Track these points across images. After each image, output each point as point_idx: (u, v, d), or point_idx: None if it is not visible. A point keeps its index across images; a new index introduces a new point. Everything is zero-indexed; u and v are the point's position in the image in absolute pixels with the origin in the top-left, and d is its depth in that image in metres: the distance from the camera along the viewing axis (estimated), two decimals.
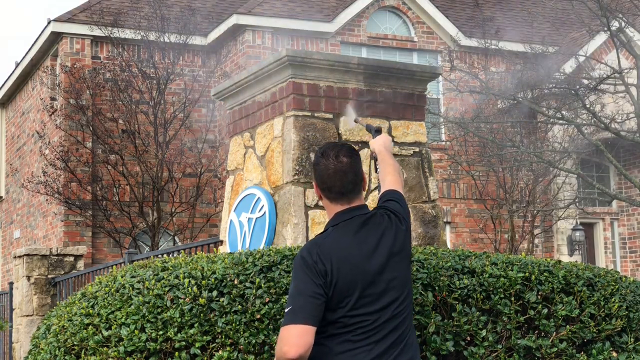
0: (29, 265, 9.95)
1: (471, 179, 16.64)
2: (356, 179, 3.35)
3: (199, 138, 15.73)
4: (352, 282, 3.20)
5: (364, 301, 3.21)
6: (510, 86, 14.13)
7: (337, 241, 3.27)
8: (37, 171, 16.88)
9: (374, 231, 3.33)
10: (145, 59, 14.79)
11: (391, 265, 3.30)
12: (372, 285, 3.24)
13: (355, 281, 3.21)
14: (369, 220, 3.35)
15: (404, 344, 3.26)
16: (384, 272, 3.27)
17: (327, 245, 3.23)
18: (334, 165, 3.31)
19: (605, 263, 18.50)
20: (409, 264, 3.40)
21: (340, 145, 3.41)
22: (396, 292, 3.29)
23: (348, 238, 3.28)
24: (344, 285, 3.19)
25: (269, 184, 5.41)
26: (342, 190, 3.33)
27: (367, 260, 3.26)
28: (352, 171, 3.34)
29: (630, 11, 13.75)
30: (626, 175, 12.53)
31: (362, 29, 16.91)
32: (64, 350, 4.24)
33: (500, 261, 4.48)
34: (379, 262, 3.28)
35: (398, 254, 3.34)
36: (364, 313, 3.20)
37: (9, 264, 19.37)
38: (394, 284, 3.28)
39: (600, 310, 4.46)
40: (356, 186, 3.36)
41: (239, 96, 5.81)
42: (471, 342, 4.19)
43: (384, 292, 3.25)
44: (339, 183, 3.32)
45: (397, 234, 3.37)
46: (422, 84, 5.67)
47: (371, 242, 3.30)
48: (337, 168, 3.31)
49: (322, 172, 3.33)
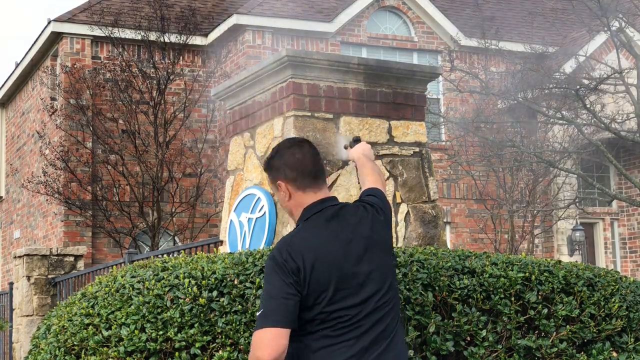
0: (29, 265, 9.95)
1: (471, 179, 16.64)
2: (321, 164, 3.34)
3: (199, 138, 15.73)
4: (326, 277, 3.09)
5: (341, 294, 3.11)
6: (510, 86, 14.14)
7: (308, 236, 3.18)
8: (37, 171, 16.88)
9: (348, 221, 3.24)
10: (146, 59, 14.79)
11: (369, 257, 3.20)
12: (349, 277, 3.13)
13: (330, 275, 3.10)
14: (341, 210, 3.26)
15: (389, 340, 3.16)
16: (361, 264, 3.17)
17: (297, 242, 3.14)
18: (302, 152, 3.29)
19: (605, 263, 18.51)
20: (390, 255, 3.30)
21: (294, 137, 3.45)
22: (376, 284, 3.18)
23: (319, 231, 3.18)
24: (318, 281, 3.08)
25: (269, 184, 5.41)
26: (316, 173, 3.29)
27: (342, 252, 3.16)
28: (318, 156, 3.33)
29: (630, 11, 13.75)
30: (626, 175, 12.54)
31: (362, 29, 16.91)
32: (64, 351, 4.24)
33: (501, 261, 4.48)
34: (355, 253, 3.18)
35: (376, 245, 3.24)
36: (342, 307, 3.10)
37: (9, 264, 19.38)
38: (373, 276, 3.18)
39: (601, 310, 4.46)
40: (323, 173, 3.33)
41: (239, 96, 5.81)
42: (471, 342, 4.19)
43: (362, 284, 3.15)
44: (312, 167, 3.29)
45: (374, 223, 3.28)
46: (422, 84, 5.67)
47: (345, 233, 3.20)
48: (305, 153, 3.30)
49: (288, 161, 3.28)
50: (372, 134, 5.44)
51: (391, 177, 5.47)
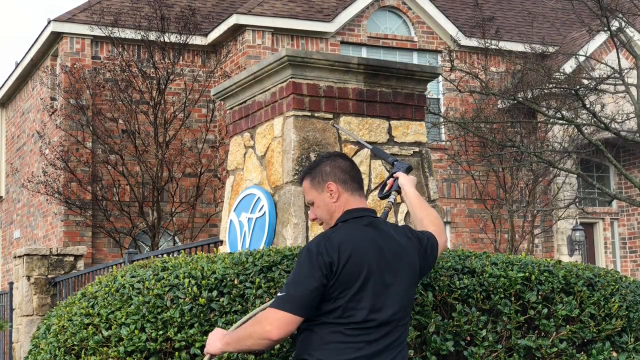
0: (29, 265, 9.95)
1: (471, 179, 16.64)
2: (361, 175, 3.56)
3: (199, 138, 15.74)
4: (356, 273, 3.21)
5: (364, 294, 3.21)
6: (510, 86, 14.14)
7: (348, 232, 3.30)
8: (37, 171, 16.88)
9: (386, 233, 3.37)
10: (145, 59, 14.79)
11: (397, 271, 3.31)
12: (376, 281, 3.24)
13: (360, 272, 3.21)
14: (380, 222, 3.42)
15: (395, 354, 3.26)
16: (388, 274, 3.28)
17: (336, 236, 3.27)
18: (346, 163, 3.50)
19: (605, 263, 18.51)
20: (415, 279, 3.42)
21: (336, 151, 3.60)
22: (397, 299, 3.29)
23: (358, 231, 3.33)
24: (348, 274, 3.19)
25: (269, 184, 5.41)
26: (359, 183, 3.48)
27: (375, 255, 3.27)
28: (358, 169, 3.55)
29: (630, 11, 13.76)
30: (626, 175, 12.54)
31: (362, 29, 16.91)
32: (64, 350, 4.24)
33: (500, 261, 4.47)
34: (386, 262, 3.29)
35: (407, 265, 3.36)
36: (361, 308, 3.20)
37: (9, 264, 19.38)
38: (396, 290, 3.29)
39: (600, 310, 4.46)
40: (363, 182, 3.53)
41: (239, 96, 5.81)
42: (471, 342, 4.19)
43: (385, 294, 3.25)
44: (356, 176, 3.49)
45: (410, 246, 3.41)
46: (422, 84, 5.66)
47: (381, 241, 3.32)
48: (350, 162, 3.52)
49: (341, 165, 3.47)
50: (372, 134, 5.44)
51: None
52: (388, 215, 3.93)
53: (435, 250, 3.54)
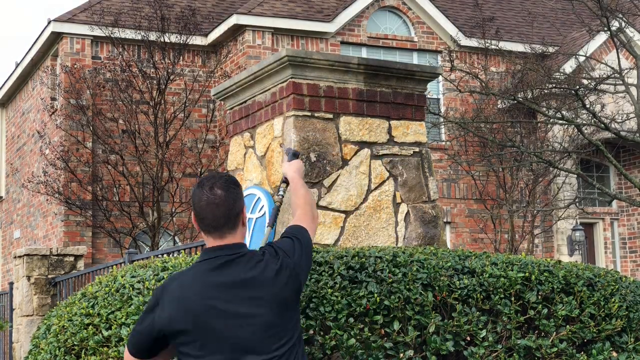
0: (29, 265, 9.95)
1: (471, 179, 16.64)
2: (230, 213, 3.21)
3: (199, 138, 15.74)
4: (186, 328, 3.12)
5: (199, 345, 3.13)
6: (510, 86, 14.14)
7: (183, 283, 3.20)
8: (37, 171, 16.88)
9: (233, 276, 3.16)
10: (146, 59, 14.79)
11: (245, 314, 3.12)
12: (208, 330, 3.12)
13: (189, 326, 3.12)
14: (234, 261, 3.18)
15: None
16: (230, 319, 3.12)
17: (171, 288, 3.21)
18: (206, 197, 3.20)
19: (605, 263, 18.51)
20: (283, 309, 3.17)
21: (220, 176, 3.29)
22: (267, 348, 3.12)
23: (198, 280, 3.17)
24: (180, 330, 3.13)
25: (269, 184, 5.41)
26: (214, 223, 3.21)
27: (207, 306, 3.12)
28: (225, 205, 3.21)
29: (630, 11, 13.75)
30: (626, 175, 12.54)
31: (362, 29, 16.91)
32: (64, 350, 4.24)
33: (500, 261, 4.48)
34: (227, 310, 3.12)
35: (264, 302, 3.15)
36: (202, 355, 3.12)
37: (9, 264, 19.38)
38: (262, 338, 3.13)
39: (600, 310, 4.46)
40: (229, 220, 3.22)
41: (239, 96, 5.81)
42: (471, 342, 4.19)
43: (235, 349, 3.11)
44: (210, 216, 3.20)
45: (268, 278, 3.18)
46: (422, 84, 5.67)
47: (224, 284, 3.14)
48: (209, 200, 3.20)
49: (195, 203, 3.24)
50: (372, 134, 5.44)
51: (391, 177, 5.47)
52: (277, 213, 3.85)
53: (296, 247, 3.33)
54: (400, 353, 4.04)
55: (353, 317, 4.01)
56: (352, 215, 5.28)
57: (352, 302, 4.01)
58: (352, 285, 4.08)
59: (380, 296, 4.05)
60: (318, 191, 5.21)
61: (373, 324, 4.03)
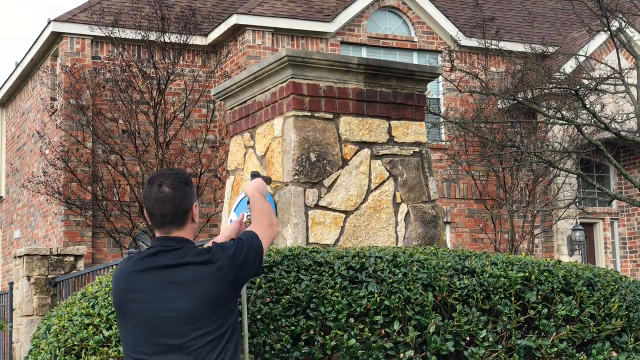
0: (29, 265, 9.95)
1: (471, 179, 16.64)
2: (177, 210, 3.33)
3: (199, 138, 15.74)
4: (134, 319, 3.30)
5: (142, 341, 3.28)
6: (510, 86, 14.14)
7: (122, 267, 3.40)
8: (37, 171, 16.88)
9: (160, 264, 3.31)
10: (146, 59, 14.79)
11: (174, 300, 3.26)
12: (151, 327, 3.27)
13: (138, 318, 3.30)
14: (169, 252, 3.32)
15: None
16: (166, 313, 3.25)
17: (117, 272, 3.42)
18: (155, 195, 3.33)
19: (605, 263, 18.51)
20: (201, 300, 3.26)
21: (170, 174, 3.39)
22: (186, 334, 3.23)
23: (135, 274, 3.34)
24: (117, 312, 3.38)
25: None
26: (161, 220, 3.34)
27: (131, 288, 3.32)
28: (173, 202, 3.32)
29: (630, 11, 13.75)
30: (626, 175, 12.54)
31: (362, 29, 16.91)
32: (64, 350, 4.24)
33: (500, 261, 4.48)
34: (147, 290, 3.29)
35: (181, 285, 3.27)
36: (125, 339, 3.34)
37: (9, 264, 19.38)
38: (181, 325, 3.24)
39: (600, 310, 4.46)
40: (177, 218, 3.34)
41: (239, 96, 5.81)
42: (471, 342, 4.19)
43: (166, 336, 3.24)
44: (157, 213, 3.33)
45: (197, 274, 3.29)
46: (422, 84, 5.67)
47: (150, 268, 3.31)
48: (157, 198, 3.33)
49: (145, 200, 3.37)
50: (372, 134, 5.44)
51: (391, 177, 5.47)
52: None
53: (246, 250, 3.40)
54: (401, 353, 4.04)
55: (353, 317, 4.01)
56: (352, 215, 5.28)
57: (352, 302, 4.01)
58: (352, 285, 4.08)
59: (381, 296, 4.05)
60: (318, 191, 5.21)
61: (373, 324, 4.04)
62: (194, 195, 3.43)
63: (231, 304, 3.32)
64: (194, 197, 3.42)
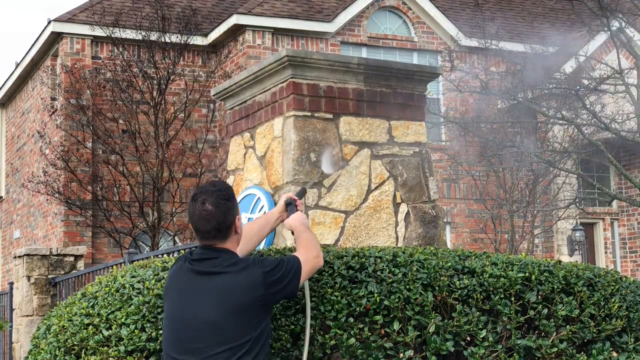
0: (29, 266, 9.94)
1: (471, 179, 16.64)
2: (220, 226, 3.49)
3: (199, 138, 15.73)
4: (167, 316, 3.54)
5: (170, 338, 3.46)
6: (510, 86, 14.14)
7: (172, 269, 3.62)
8: (37, 171, 16.88)
9: (200, 270, 3.48)
10: (146, 59, 14.79)
11: (199, 306, 3.40)
12: (175, 319, 3.47)
13: (169, 316, 3.51)
14: (210, 259, 3.48)
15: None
16: (191, 316, 3.41)
17: (169, 274, 3.66)
18: (198, 212, 3.49)
19: (605, 263, 18.50)
20: (232, 316, 3.38)
21: (212, 191, 3.50)
22: (205, 340, 3.36)
23: (180, 272, 3.54)
24: (164, 309, 3.61)
25: (269, 184, 5.41)
26: (205, 235, 3.50)
27: (179, 295, 3.50)
28: (216, 219, 3.47)
29: (630, 11, 13.75)
30: (626, 175, 12.54)
31: (362, 29, 16.91)
32: (64, 350, 4.24)
33: (500, 261, 4.47)
34: (191, 301, 3.44)
35: (216, 302, 3.40)
36: (167, 341, 3.50)
37: (9, 264, 19.37)
38: (202, 330, 3.37)
39: (601, 310, 4.46)
40: (220, 233, 3.50)
41: (239, 96, 5.81)
42: (471, 342, 4.19)
43: (189, 339, 3.39)
44: (202, 228, 3.50)
45: (232, 282, 3.42)
46: (422, 84, 5.66)
47: (192, 271, 3.49)
48: (201, 215, 3.49)
49: (190, 215, 3.54)
50: (372, 134, 5.44)
51: (391, 177, 5.47)
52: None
53: (280, 262, 3.52)
54: (400, 353, 4.04)
55: (353, 317, 4.01)
56: (352, 215, 5.28)
57: (352, 302, 4.01)
58: (352, 285, 4.08)
59: (380, 296, 4.05)
60: (318, 191, 5.21)
61: (373, 324, 4.04)
62: (236, 209, 3.56)
63: (257, 318, 3.41)
64: (236, 211, 3.55)
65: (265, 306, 3.43)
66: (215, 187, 3.54)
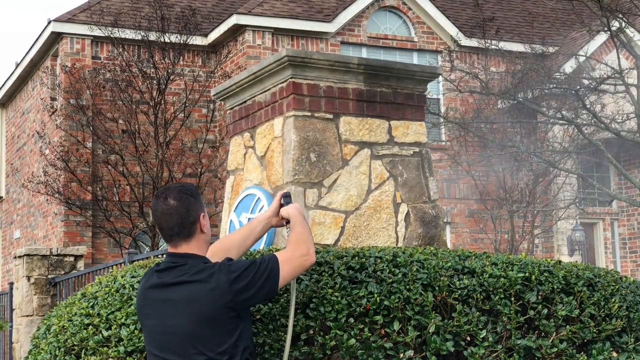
0: (29, 266, 9.94)
1: (471, 179, 16.64)
2: (183, 221, 3.37)
3: (199, 138, 15.73)
4: (147, 333, 3.48)
5: (154, 351, 3.41)
6: (510, 86, 14.14)
7: (141, 285, 3.54)
8: (37, 171, 16.88)
9: (169, 276, 3.40)
10: (146, 59, 14.79)
11: (172, 318, 3.34)
12: (150, 329, 3.45)
13: (148, 332, 3.46)
14: (175, 268, 3.38)
15: None
16: (168, 330, 3.36)
17: (138, 289, 3.58)
18: (161, 208, 3.39)
19: (605, 263, 18.51)
20: (197, 319, 3.31)
21: (175, 187, 3.43)
22: (185, 351, 3.31)
23: (148, 286, 3.46)
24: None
25: (269, 184, 5.41)
26: (169, 232, 3.40)
27: (144, 303, 3.47)
28: (178, 214, 3.36)
29: (630, 11, 13.75)
30: (626, 175, 12.54)
31: (362, 29, 16.91)
32: (64, 351, 4.24)
33: (500, 261, 4.47)
34: (156, 307, 3.41)
35: (185, 314, 3.33)
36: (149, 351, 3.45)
37: (9, 264, 19.38)
38: (179, 342, 3.32)
39: (601, 310, 4.46)
40: (184, 229, 3.38)
41: (239, 96, 5.81)
42: (471, 342, 4.19)
43: (172, 351, 3.34)
44: (164, 225, 3.40)
45: (195, 291, 3.33)
46: (422, 84, 5.66)
47: (159, 285, 3.42)
48: (163, 210, 3.39)
49: (153, 212, 3.46)
50: (372, 134, 5.44)
51: (391, 177, 5.47)
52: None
53: (251, 265, 3.37)
54: (400, 353, 4.04)
55: (353, 317, 4.01)
56: (352, 215, 5.28)
57: (352, 302, 4.01)
58: (352, 285, 4.08)
59: (380, 296, 4.05)
60: (318, 191, 5.21)
61: (373, 324, 4.03)
62: (201, 206, 3.43)
63: (230, 325, 3.31)
64: (200, 208, 3.42)
65: (235, 312, 3.31)
66: (179, 184, 3.48)
